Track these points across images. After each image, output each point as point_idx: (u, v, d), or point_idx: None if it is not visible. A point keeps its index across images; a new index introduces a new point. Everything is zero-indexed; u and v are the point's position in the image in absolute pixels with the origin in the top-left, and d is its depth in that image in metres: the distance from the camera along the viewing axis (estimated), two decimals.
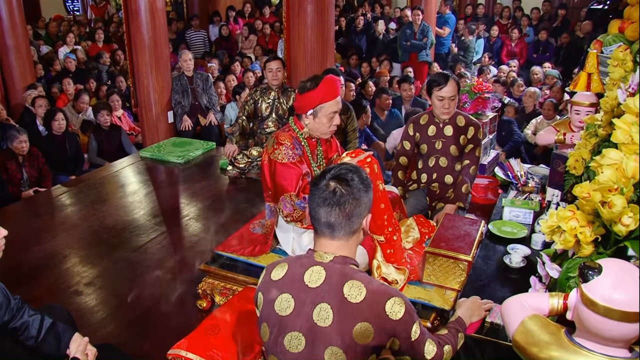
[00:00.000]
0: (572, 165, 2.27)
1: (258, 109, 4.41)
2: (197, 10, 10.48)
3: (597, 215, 1.67)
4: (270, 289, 1.59)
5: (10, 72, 6.37)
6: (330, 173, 1.56)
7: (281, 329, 1.55)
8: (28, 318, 1.93)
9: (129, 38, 5.50)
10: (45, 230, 3.57)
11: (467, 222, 2.67)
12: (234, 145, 4.34)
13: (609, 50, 2.73)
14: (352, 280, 1.51)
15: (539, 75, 6.79)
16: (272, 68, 4.32)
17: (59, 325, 1.96)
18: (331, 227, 1.54)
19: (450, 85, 3.19)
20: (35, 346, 1.92)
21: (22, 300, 1.97)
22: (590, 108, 3.22)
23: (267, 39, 9.58)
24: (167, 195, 4.23)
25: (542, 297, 1.65)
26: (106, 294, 2.87)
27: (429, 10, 8.26)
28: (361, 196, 1.55)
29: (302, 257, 1.63)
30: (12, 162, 4.53)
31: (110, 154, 5.35)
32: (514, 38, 8.54)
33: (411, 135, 3.44)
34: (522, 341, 1.51)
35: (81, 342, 1.94)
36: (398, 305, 1.49)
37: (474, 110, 4.19)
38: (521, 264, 2.45)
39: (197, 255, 3.19)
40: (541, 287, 1.97)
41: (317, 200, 1.54)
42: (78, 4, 13.06)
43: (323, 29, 4.94)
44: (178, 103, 5.72)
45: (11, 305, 1.91)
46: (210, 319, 2.17)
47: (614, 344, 1.39)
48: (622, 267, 1.40)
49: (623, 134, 1.64)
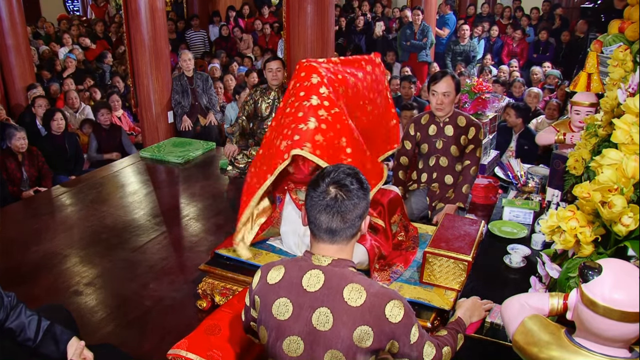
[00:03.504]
0: (572, 165, 2.27)
1: (258, 109, 4.41)
2: (197, 10, 10.48)
3: (597, 215, 1.67)
4: (267, 293, 1.58)
5: (10, 72, 6.37)
6: (330, 177, 1.53)
7: (279, 333, 1.55)
8: (25, 319, 1.90)
9: (129, 38, 5.50)
10: (45, 230, 3.57)
11: (467, 222, 2.67)
12: (234, 145, 4.34)
13: (609, 50, 2.73)
14: (352, 283, 1.50)
15: (538, 75, 6.79)
16: (272, 68, 4.33)
17: (56, 327, 1.95)
18: (332, 233, 1.53)
19: (444, 82, 3.19)
20: (33, 348, 1.91)
21: (18, 299, 1.95)
22: (590, 108, 3.22)
23: (267, 39, 9.59)
24: (167, 195, 4.23)
25: (542, 297, 1.65)
26: (106, 294, 2.87)
27: (429, 10, 8.27)
28: (360, 200, 1.54)
29: (299, 259, 1.61)
30: (12, 161, 4.54)
31: (110, 154, 5.36)
32: (515, 38, 8.54)
33: (412, 134, 3.44)
34: (522, 341, 1.51)
35: (78, 345, 1.93)
36: (397, 308, 1.48)
37: (474, 110, 4.19)
38: (521, 264, 2.45)
39: (197, 255, 3.18)
40: (541, 287, 1.97)
41: (317, 208, 1.52)
42: (78, 4, 13.08)
43: (323, 29, 4.95)
44: (178, 103, 5.73)
45: (5, 304, 1.89)
46: (210, 319, 2.17)
47: (613, 344, 1.38)
48: (622, 267, 1.40)
49: (623, 134, 1.64)
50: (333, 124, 2.36)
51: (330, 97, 2.40)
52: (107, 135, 5.49)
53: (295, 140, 2.29)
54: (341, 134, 2.39)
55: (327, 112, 2.36)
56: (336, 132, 2.37)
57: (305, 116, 2.33)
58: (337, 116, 2.39)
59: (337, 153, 2.35)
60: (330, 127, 2.35)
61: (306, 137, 2.28)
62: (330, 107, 2.38)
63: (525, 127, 4.81)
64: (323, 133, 2.31)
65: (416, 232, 2.90)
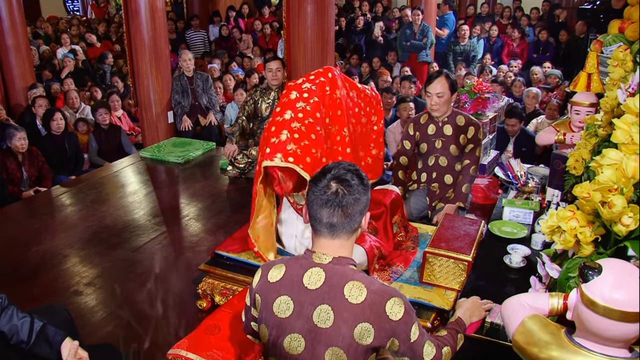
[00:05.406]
0: (572, 165, 2.27)
1: (258, 109, 4.41)
2: (197, 10, 10.49)
3: (597, 215, 1.67)
4: (268, 292, 1.59)
5: (10, 72, 6.36)
6: (331, 173, 1.56)
7: (280, 331, 1.55)
8: (17, 322, 1.89)
9: (129, 38, 5.50)
10: (45, 230, 3.57)
11: (467, 222, 2.67)
12: (234, 145, 4.34)
13: (609, 50, 2.73)
14: (352, 281, 1.51)
15: (538, 75, 6.79)
16: (272, 68, 4.33)
17: (49, 329, 1.93)
18: (332, 228, 1.55)
19: (437, 83, 3.20)
20: (27, 350, 1.90)
21: (8, 300, 1.94)
22: (590, 108, 3.22)
23: (267, 39, 9.59)
24: (167, 195, 4.23)
25: (542, 297, 1.65)
26: (106, 294, 2.87)
27: (429, 10, 8.27)
28: (361, 196, 1.56)
29: (300, 258, 1.62)
30: (12, 161, 4.54)
31: (110, 154, 5.36)
32: (514, 37, 8.54)
33: (411, 134, 3.44)
34: (522, 341, 1.51)
35: (72, 346, 1.93)
36: (398, 305, 1.49)
37: (474, 110, 4.20)
38: (521, 264, 2.45)
39: (197, 255, 3.19)
40: (541, 287, 1.97)
41: (318, 202, 1.54)
42: (78, 4, 13.09)
43: (323, 29, 4.95)
44: (178, 103, 5.73)
45: None
46: (210, 319, 2.17)
47: (613, 344, 1.39)
48: (622, 267, 1.40)
49: (623, 134, 1.64)
50: (307, 134, 2.43)
51: (305, 110, 2.47)
52: (107, 135, 5.49)
53: (266, 153, 2.37)
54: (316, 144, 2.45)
55: (301, 123, 2.43)
56: (311, 141, 2.43)
57: (278, 130, 2.42)
58: (311, 127, 2.46)
59: (315, 161, 2.40)
60: (303, 136, 2.41)
61: (278, 149, 2.35)
62: (304, 118, 2.45)
63: (522, 129, 4.80)
64: (295, 142, 2.38)
65: (416, 232, 2.90)
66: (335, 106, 2.62)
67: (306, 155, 2.37)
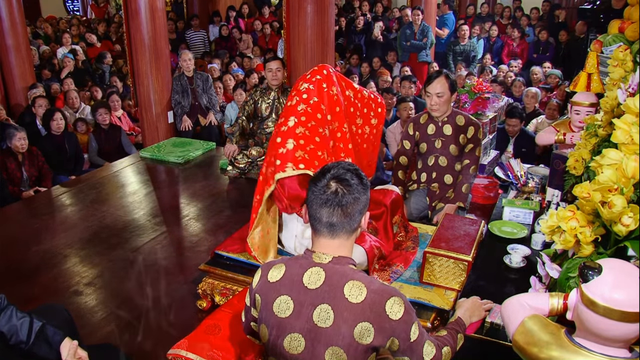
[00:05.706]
0: (572, 165, 2.27)
1: (258, 109, 4.41)
2: (197, 10, 10.49)
3: (597, 215, 1.67)
4: (268, 291, 1.59)
5: (10, 72, 6.36)
6: (330, 173, 1.57)
7: (280, 330, 1.55)
8: (16, 322, 1.89)
9: (129, 38, 5.50)
10: (45, 230, 3.57)
11: (467, 222, 2.67)
12: (234, 145, 4.34)
13: (609, 50, 2.73)
14: (352, 280, 1.51)
15: (538, 75, 6.79)
16: (272, 68, 4.33)
17: (48, 329, 1.93)
18: (332, 227, 1.55)
19: (437, 83, 3.20)
20: (26, 350, 1.90)
21: (8, 301, 1.93)
22: (590, 108, 3.22)
23: (267, 39, 9.59)
24: (167, 195, 4.23)
25: (542, 297, 1.65)
26: (106, 294, 2.87)
27: (429, 10, 8.26)
28: (360, 195, 1.56)
29: (300, 258, 1.63)
30: (12, 161, 4.54)
31: (110, 154, 5.36)
32: (514, 37, 8.54)
33: (411, 134, 3.44)
34: (522, 341, 1.51)
35: (71, 346, 1.92)
36: (397, 305, 1.49)
37: (474, 110, 4.20)
38: (521, 264, 2.45)
39: (197, 255, 3.19)
40: (541, 287, 1.97)
41: (318, 202, 1.55)
42: (78, 4, 13.09)
43: (323, 29, 4.94)
44: (178, 103, 5.72)
45: None
46: (210, 319, 2.17)
47: (613, 344, 1.39)
48: (622, 267, 1.40)
49: (623, 134, 1.64)
50: (312, 138, 2.46)
51: (307, 112, 2.50)
52: (107, 135, 5.49)
53: (277, 165, 2.40)
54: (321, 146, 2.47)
55: (304, 127, 2.46)
56: (316, 144, 2.45)
57: (284, 140, 2.45)
58: (314, 129, 2.48)
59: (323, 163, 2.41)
60: (308, 141, 2.44)
61: (287, 159, 2.38)
62: (307, 121, 2.47)
63: (522, 129, 4.80)
64: (302, 148, 2.41)
65: (416, 232, 2.90)
66: (334, 103, 2.63)
67: (314, 159, 2.40)
